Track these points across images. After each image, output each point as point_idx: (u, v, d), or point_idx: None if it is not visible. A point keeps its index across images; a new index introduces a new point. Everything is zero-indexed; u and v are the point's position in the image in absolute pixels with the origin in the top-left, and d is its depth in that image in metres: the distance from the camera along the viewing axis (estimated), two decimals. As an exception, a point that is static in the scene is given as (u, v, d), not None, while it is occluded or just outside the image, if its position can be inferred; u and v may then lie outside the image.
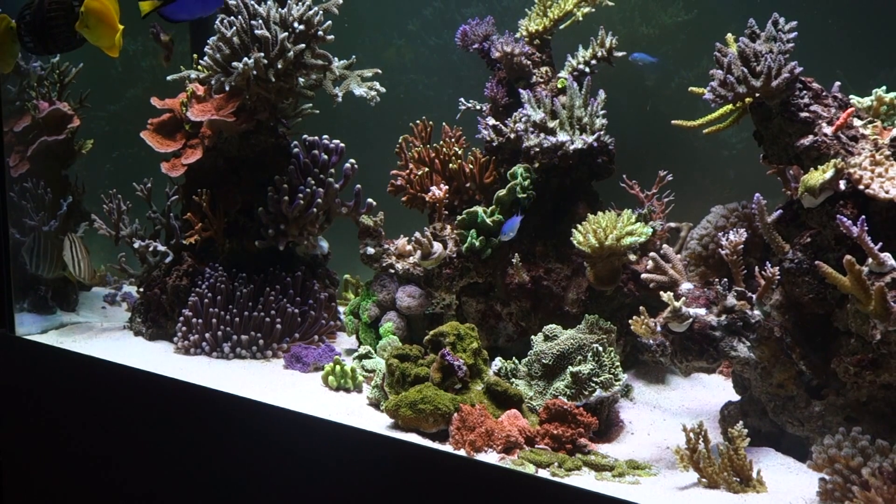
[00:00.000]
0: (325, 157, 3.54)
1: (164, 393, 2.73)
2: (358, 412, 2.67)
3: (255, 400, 2.67)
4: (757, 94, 2.31)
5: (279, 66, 3.15)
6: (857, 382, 2.10)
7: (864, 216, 2.02)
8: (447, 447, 2.35)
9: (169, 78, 3.39)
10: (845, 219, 2.02)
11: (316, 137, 3.59)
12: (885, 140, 2.22)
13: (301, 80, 3.33)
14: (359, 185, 3.48)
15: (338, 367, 2.90)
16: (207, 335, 3.24)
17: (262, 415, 2.61)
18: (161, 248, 3.51)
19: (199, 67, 3.40)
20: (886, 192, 2.07)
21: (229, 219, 3.48)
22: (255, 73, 3.16)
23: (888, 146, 2.20)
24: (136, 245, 3.53)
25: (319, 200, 3.39)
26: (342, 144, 3.58)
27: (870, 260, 2.01)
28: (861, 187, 2.11)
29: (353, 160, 3.53)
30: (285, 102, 3.49)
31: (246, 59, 3.13)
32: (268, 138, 3.49)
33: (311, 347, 3.20)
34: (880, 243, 2.01)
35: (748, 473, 2.03)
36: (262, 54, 3.13)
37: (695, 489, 2.04)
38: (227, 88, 3.20)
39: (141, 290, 3.60)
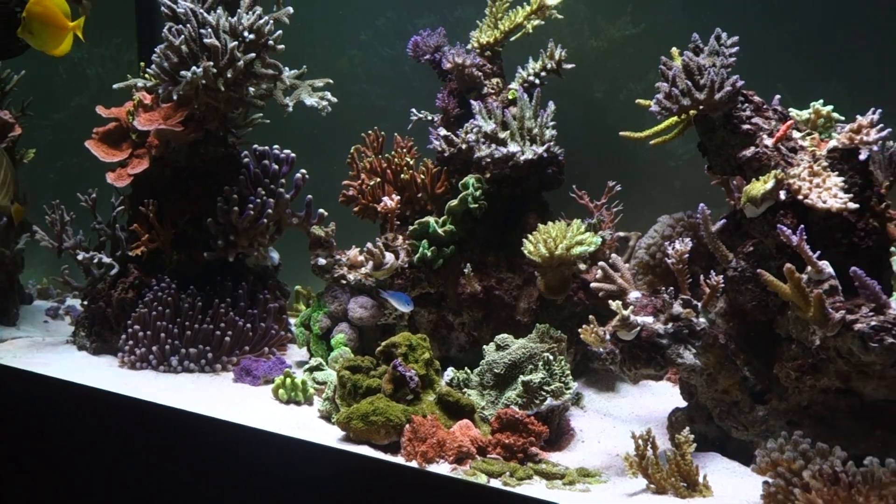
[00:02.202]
0: (276, 167, 3.51)
1: (109, 409, 2.66)
2: (309, 425, 2.65)
3: (203, 414, 2.63)
4: (701, 107, 2.36)
5: (229, 76, 3.12)
6: (798, 387, 2.15)
7: (803, 225, 2.08)
8: (399, 459, 2.35)
9: (115, 86, 3.33)
10: (785, 228, 2.07)
11: (266, 147, 3.56)
12: (823, 151, 2.28)
13: (251, 89, 3.31)
14: (310, 196, 3.46)
15: (288, 380, 2.87)
16: (154, 348, 3.18)
17: (210, 429, 2.56)
18: (106, 259, 3.44)
19: (147, 76, 3.35)
20: (824, 202, 2.13)
21: (177, 230, 3.42)
22: (204, 82, 3.12)
23: (825, 157, 2.26)
24: (79, 257, 3.45)
25: (270, 211, 3.36)
26: (293, 154, 3.56)
27: (809, 268, 2.07)
28: (800, 197, 2.17)
29: (304, 170, 3.51)
30: (235, 112, 3.46)
31: (195, 67, 3.09)
32: (217, 148, 3.45)
33: (261, 360, 3.16)
34: (819, 251, 2.07)
35: (695, 478, 2.07)
36: (212, 63, 3.10)
37: (643, 495, 2.07)
38: (175, 97, 3.16)
39: (85, 303, 3.52)
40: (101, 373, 3.15)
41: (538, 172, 3.16)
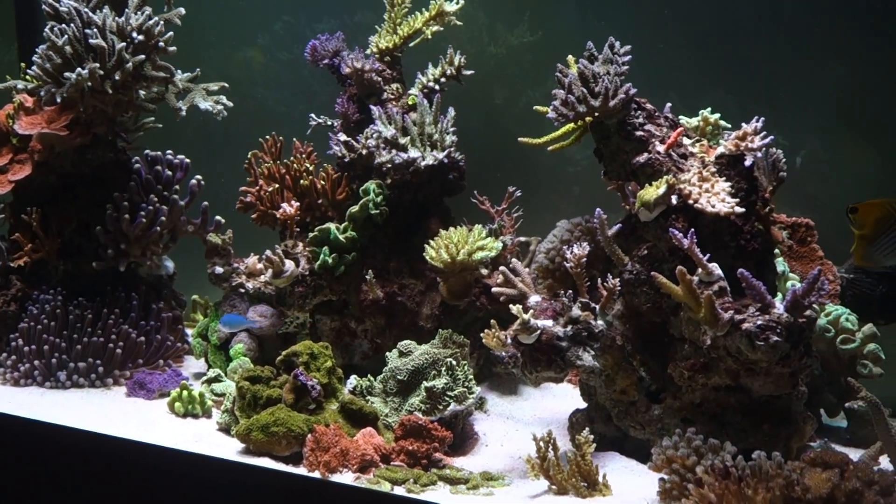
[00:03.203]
0: (170, 172, 3.39)
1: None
2: (207, 438, 2.56)
3: (94, 431, 2.51)
4: (596, 114, 2.42)
5: (117, 78, 2.99)
6: (690, 386, 2.23)
7: (693, 229, 2.15)
8: (301, 470, 2.30)
9: (-8, 88, 3.15)
10: (677, 232, 2.14)
11: (159, 153, 3.44)
12: (711, 158, 2.38)
13: (141, 92, 3.18)
14: (206, 203, 3.36)
15: (185, 393, 2.77)
16: (39, 363, 3.01)
17: (102, 447, 2.45)
18: (-15, 271, 3.24)
19: (28, 77, 3.17)
20: (713, 207, 2.21)
21: (64, 239, 3.26)
22: (89, 84, 2.98)
23: (714, 163, 2.35)
24: (-45, 268, 3.23)
25: (163, 218, 3.24)
26: (187, 160, 3.44)
27: (699, 270, 2.14)
28: (691, 202, 2.25)
29: (199, 176, 3.40)
30: (125, 116, 3.32)
31: (80, 69, 2.95)
32: (106, 153, 3.30)
33: (155, 373, 3.04)
34: (708, 254, 2.15)
35: (595, 478, 2.11)
36: (98, 65, 2.96)
37: (545, 496, 2.10)
38: (58, 100, 3.00)
39: (-38, 317, 3.29)
40: (-20, 391, 2.96)
41: (439, 178, 3.17)
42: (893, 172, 2.89)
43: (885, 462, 2.21)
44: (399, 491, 2.16)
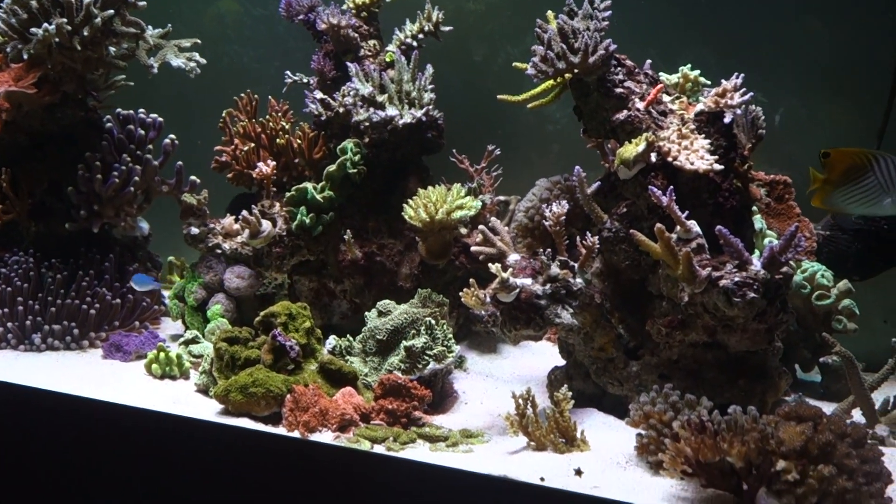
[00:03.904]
0: (142, 132, 3.32)
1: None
2: (186, 400, 2.55)
3: (71, 394, 2.49)
4: (576, 70, 2.39)
5: (85, 34, 2.91)
6: (668, 342, 2.24)
7: (672, 186, 2.15)
8: (281, 430, 2.30)
9: (-44, 45, 3.05)
10: (656, 189, 2.14)
11: (131, 111, 3.37)
12: (691, 115, 2.36)
13: (111, 49, 3.10)
14: (180, 162, 3.30)
15: (162, 354, 2.75)
16: (12, 325, 2.97)
17: (80, 410, 2.43)
18: (-46, 233, 3.18)
19: (-7, 33, 3.08)
20: (692, 164, 2.21)
21: (34, 200, 3.20)
22: (57, 40, 2.90)
23: (693, 120, 2.34)
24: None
25: (137, 178, 3.19)
26: (160, 119, 3.38)
27: (678, 227, 2.14)
28: (670, 159, 2.24)
29: (173, 135, 3.34)
30: (95, 73, 3.24)
31: (47, 25, 2.87)
32: (76, 112, 3.23)
33: (132, 335, 3.01)
34: (687, 211, 2.15)
35: (573, 434, 2.12)
36: (65, 20, 2.88)
37: (524, 452, 2.11)
38: (25, 57, 2.92)
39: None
40: (-47, 355, 2.93)
41: (418, 136, 3.13)
42: (870, 130, 2.90)
43: (857, 415, 2.25)
44: (379, 449, 2.16)
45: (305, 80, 3.43)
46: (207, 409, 2.43)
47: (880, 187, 2.40)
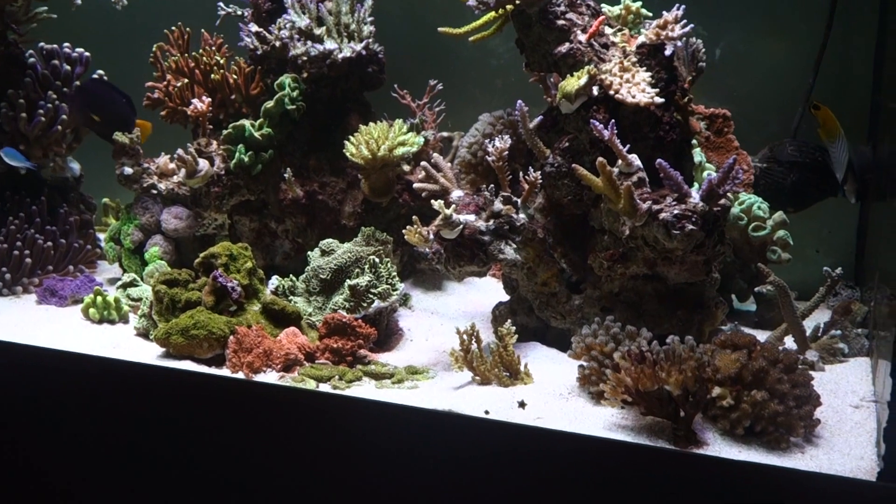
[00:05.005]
0: (68, 67, 3.18)
1: None
2: (125, 344, 2.51)
3: (5, 340, 2.42)
4: (517, 1, 2.34)
5: (0, -38, 2.75)
6: (609, 275, 2.27)
7: (614, 120, 2.15)
8: (225, 371, 2.28)
9: None
10: (598, 123, 2.13)
11: (55, 46, 3.20)
12: (633, 47, 2.35)
13: (30, -22, 2.94)
14: (111, 99, 3.17)
15: (99, 298, 2.69)
16: (-61, 273, 2.86)
17: (13, 356, 2.37)
18: None
19: None
20: (633, 97, 2.20)
21: (-45, 140, 3.05)
22: (-30, -32, 2.73)
23: (635, 53, 2.33)
24: None
25: (64, 117, 3.06)
26: (87, 54, 3.23)
27: (619, 161, 2.15)
28: (611, 93, 2.23)
29: (101, 71, 3.20)
30: (14, 5, 3.07)
31: (-43, -49, 2.69)
32: (-5, 46, 3.07)
33: (67, 279, 2.93)
34: (628, 145, 2.15)
35: (517, 367, 2.15)
36: (-22, -54, 2.70)
37: (469, 387, 2.14)
38: (-65, -14, 2.75)
39: None
40: None
41: (358, 71, 3.06)
42: (805, 65, 2.93)
43: (789, 342, 2.32)
44: (324, 388, 2.16)
45: (239, 13, 3.30)
46: (148, 353, 2.39)
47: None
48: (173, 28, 3.26)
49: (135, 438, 2.21)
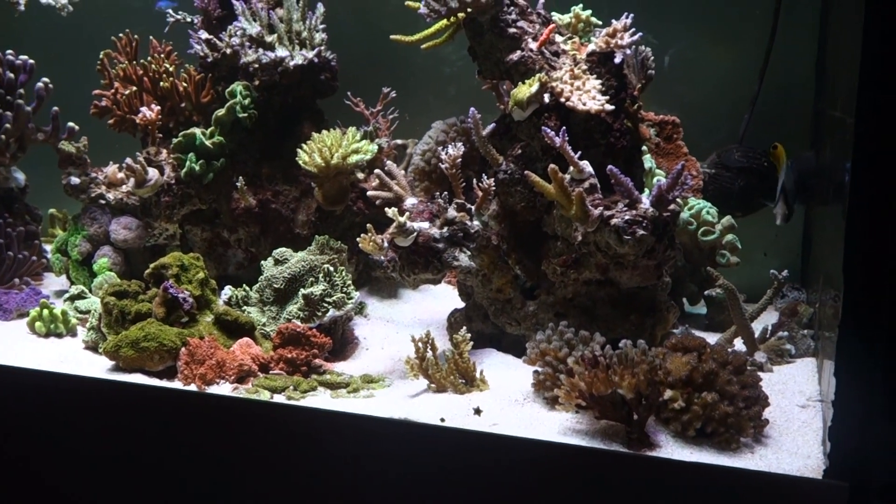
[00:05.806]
0: (12, 75, 3.09)
1: None
2: (73, 358, 2.45)
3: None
4: (469, 9, 2.36)
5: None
6: (563, 281, 2.29)
7: (565, 127, 2.17)
8: (176, 384, 2.24)
9: None
10: (549, 130, 2.15)
11: (-2, 53, 3.12)
12: (583, 55, 2.38)
13: (-30, -16, 2.86)
14: (56, 108, 3.09)
15: (46, 311, 2.62)
16: None
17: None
18: None
19: None
20: (584, 105, 2.23)
21: None
22: None
23: (585, 61, 2.36)
24: None
25: (8, 126, 2.98)
26: (31, 61, 3.14)
27: (571, 168, 2.17)
28: (563, 100, 2.25)
29: (46, 79, 3.12)
30: (-48, 10, 2.99)
31: None
32: (-66, 53, 2.98)
33: (11, 292, 2.85)
34: (580, 152, 2.17)
35: (472, 374, 2.16)
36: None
37: (425, 395, 2.14)
38: None
39: None
40: None
41: (311, 79, 3.04)
42: (751, 72, 3.00)
43: (739, 344, 2.37)
44: (279, 399, 2.14)
45: (189, 20, 3.26)
46: (97, 367, 2.34)
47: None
48: (121, 35, 3.20)
49: (85, 455, 2.16)
